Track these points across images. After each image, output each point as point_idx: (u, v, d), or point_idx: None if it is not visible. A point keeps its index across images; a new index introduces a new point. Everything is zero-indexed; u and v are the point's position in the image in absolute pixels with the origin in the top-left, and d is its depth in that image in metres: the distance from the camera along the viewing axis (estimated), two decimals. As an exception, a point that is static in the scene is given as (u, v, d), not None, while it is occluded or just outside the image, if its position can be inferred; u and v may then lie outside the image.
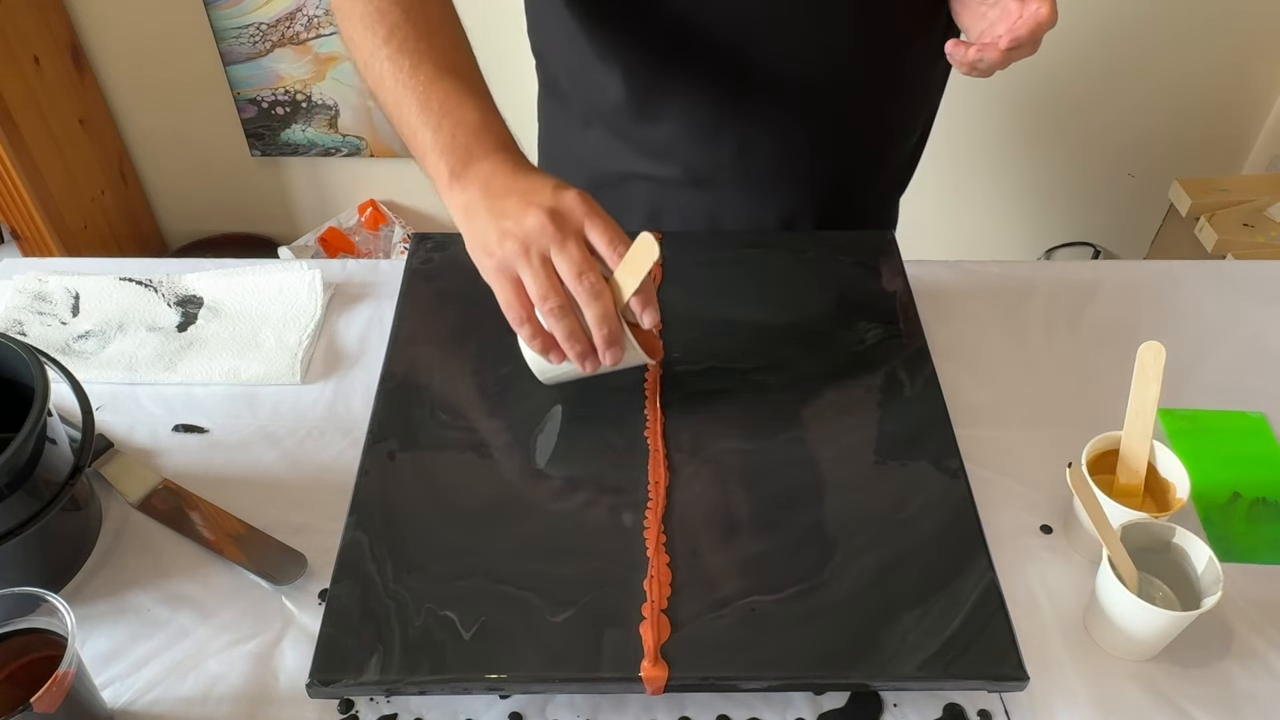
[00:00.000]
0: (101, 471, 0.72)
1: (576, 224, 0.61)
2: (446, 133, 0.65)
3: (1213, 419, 0.78)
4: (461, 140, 0.65)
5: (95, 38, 1.80)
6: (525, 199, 0.61)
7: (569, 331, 0.62)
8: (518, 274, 0.61)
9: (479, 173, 0.64)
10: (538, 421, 0.70)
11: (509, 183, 0.63)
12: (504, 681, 0.56)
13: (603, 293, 0.61)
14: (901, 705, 0.60)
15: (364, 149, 1.90)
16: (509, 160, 0.65)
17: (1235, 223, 1.60)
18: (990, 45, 0.67)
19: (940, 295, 0.88)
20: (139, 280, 0.88)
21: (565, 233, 0.60)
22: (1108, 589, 0.61)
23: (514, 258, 0.61)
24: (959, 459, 0.68)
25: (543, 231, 0.60)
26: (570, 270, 0.60)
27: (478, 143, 0.65)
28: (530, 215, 0.60)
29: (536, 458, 0.68)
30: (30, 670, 0.55)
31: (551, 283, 0.60)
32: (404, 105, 0.66)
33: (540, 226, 0.60)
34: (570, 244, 0.60)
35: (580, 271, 0.60)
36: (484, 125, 0.66)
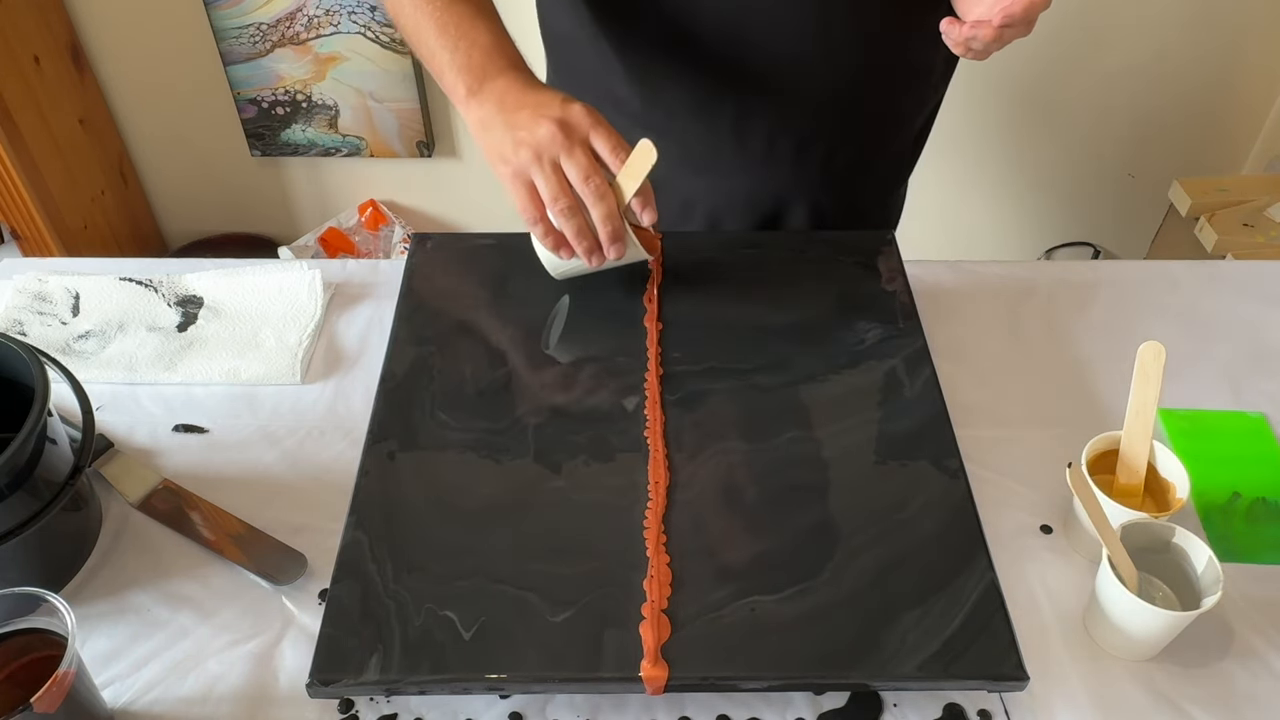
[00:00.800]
0: (101, 471, 0.72)
1: (583, 133, 0.68)
2: (463, 53, 0.72)
3: (1213, 419, 0.78)
4: (477, 59, 0.72)
5: (95, 38, 1.80)
6: (537, 111, 0.68)
7: (577, 229, 0.69)
8: (531, 178, 0.68)
9: (494, 89, 0.71)
10: (538, 421, 0.70)
11: (521, 97, 0.70)
12: (504, 681, 0.56)
13: (606, 194, 0.68)
14: (901, 705, 0.60)
15: (364, 149, 1.90)
16: (520, 77, 0.72)
17: (1235, 223, 1.60)
18: (983, 23, 0.68)
19: (940, 295, 0.88)
20: (139, 280, 0.88)
21: (573, 141, 0.67)
22: (1108, 589, 0.61)
23: (528, 164, 0.68)
24: (959, 459, 0.68)
25: (553, 140, 0.67)
26: (578, 174, 0.67)
27: (491, 61, 0.72)
28: (541, 126, 0.67)
29: (536, 457, 0.67)
30: (30, 670, 0.55)
31: (561, 185, 0.68)
32: (423, 29, 0.74)
33: (550, 135, 0.67)
34: (577, 151, 0.67)
35: (586, 175, 0.67)
36: (496, 46, 0.73)
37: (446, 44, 0.73)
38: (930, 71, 0.92)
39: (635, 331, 0.76)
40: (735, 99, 0.86)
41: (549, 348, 0.76)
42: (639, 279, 0.81)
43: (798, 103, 0.86)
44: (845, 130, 0.90)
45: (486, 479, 0.66)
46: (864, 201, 0.98)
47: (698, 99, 0.86)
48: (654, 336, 0.76)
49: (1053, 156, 1.90)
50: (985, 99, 1.79)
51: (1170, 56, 1.74)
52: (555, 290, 0.80)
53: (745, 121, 0.87)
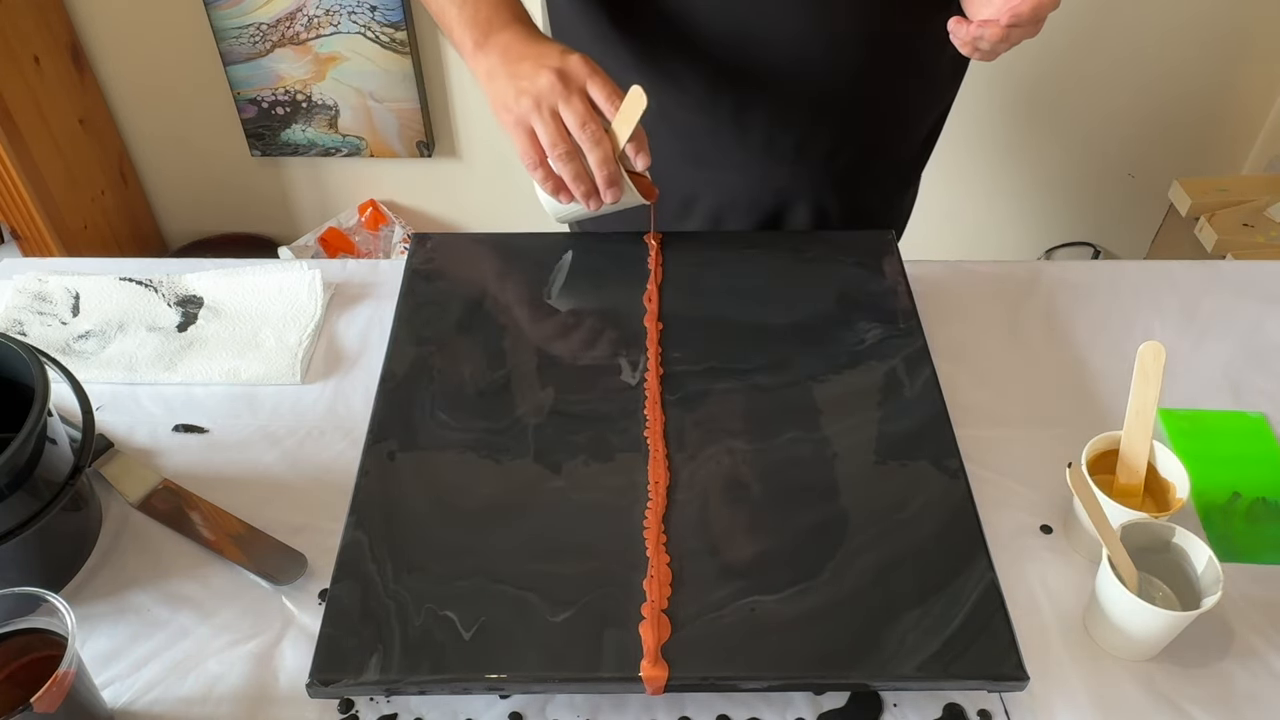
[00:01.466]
0: (101, 471, 0.72)
1: (580, 82, 0.71)
2: (470, 7, 0.76)
3: (1213, 419, 0.78)
4: (484, 14, 0.76)
5: (95, 38, 1.80)
6: (537, 62, 0.71)
7: (575, 173, 0.72)
8: (532, 126, 0.71)
9: (498, 41, 0.74)
10: (538, 421, 0.70)
11: (523, 49, 0.73)
12: (504, 681, 0.56)
13: (602, 140, 0.71)
14: (901, 705, 0.60)
15: (364, 149, 1.90)
16: (524, 30, 0.75)
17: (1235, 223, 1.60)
18: (990, 22, 0.68)
19: (940, 295, 0.88)
20: (139, 280, 0.88)
21: (570, 89, 0.70)
22: (1108, 589, 0.61)
23: (528, 111, 0.71)
24: (959, 459, 0.68)
25: (552, 89, 0.70)
26: (575, 121, 0.70)
27: (497, 15, 0.76)
28: (542, 75, 0.70)
29: (536, 457, 0.67)
30: (30, 670, 0.55)
31: (560, 132, 0.71)
32: None
33: (550, 85, 0.70)
34: (575, 99, 0.70)
35: (583, 122, 0.70)
36: (502, 1, 0.76)
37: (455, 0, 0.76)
38: (937, 74, 0.92)
39: (635, 331, 0.76)
40: (735, 94, 0.86)
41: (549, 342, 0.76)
42: (639, 279, 0.81)
43: (798, 100, 0.86)
44: (847, 130, 0.90)
45: (486, 479, 0.66)
46: (869, 203, 0.98)
47: (699, 92, 0.86)
48: (654, 336, 0.76)
49: (1053, 156, 1.90)
50: (986, 99, 1.80)
51: (1170, 57, 1.74)
52: (555, 290, 0.80)
53: (745, 116, 0.87)
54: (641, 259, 0.83)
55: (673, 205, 0.94)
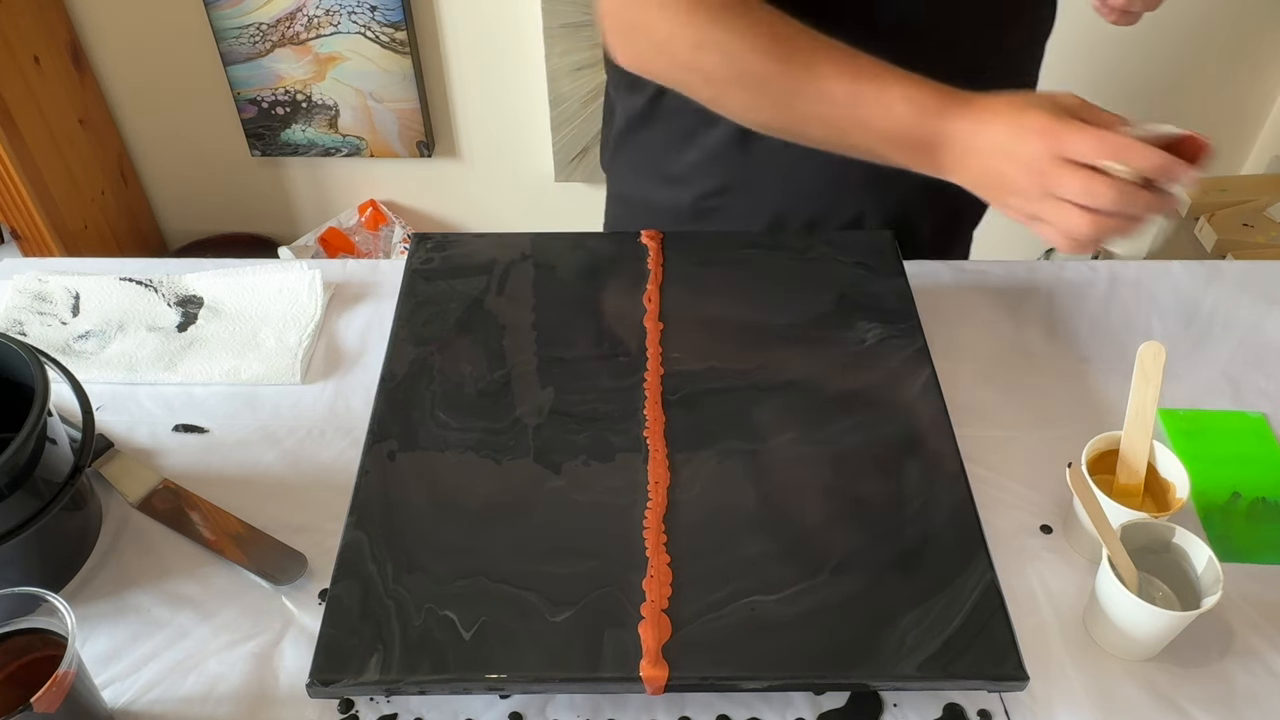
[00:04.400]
0: (101, 471, 0.72)
1: (1074, 149, 0.61)
2: (905, 138, 0.66)
3: (1213, 419, 0.78)
4: (914, 111, 0.65)
5: (95, 38, 1.80)
6: (1014, 153, 0.63)
7: (1140, 206, 0.61)
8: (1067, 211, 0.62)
9: (954, 133, 0.65)
10: (537, 421, 0.70)
11: (982, 153, 0.64)
12: (504, 681, 0.56)
13: (1125, 190, 0.60)
14: (901, 705, 0.60)
15: (364, 149, 1.90)
16: (971, 110, 0.65)
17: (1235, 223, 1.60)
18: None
19: (940, 295, 0.88)
20: (139, 280, 0.88)
21: (1069, 168, 0.61)
22: (1108, 589, 0.61)
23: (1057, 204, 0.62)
24: (959, 459, 0.68)
25: (1050, 176, 0.61)
26: (1112, 198, 0.60)
27: (932, 104, 0.65)
28: (1029, 171, 0.62)
29: (536, 457, 0.67)
30: (30, 670, 0.55)
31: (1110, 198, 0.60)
32: (852, 139, 0.68)
33: (1045, 173, 0.61)
34: (1078, 174, 0.61)
35: (1120, 194, 0.60)
36: (912, 90, 0.66)
37: (867, 111, 0.66)
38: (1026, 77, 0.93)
39: (635, 331, 0.76)
40: None
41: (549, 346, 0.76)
42: (639, 279, 0.81)
43: None
44: None
45: (486, 479, 0.66)
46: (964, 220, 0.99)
47: None
48: (654, 336, 0.76)
49: (1053, 156, 1.90)
50: (985, 99, 1.79)
51: (1170, 57, 1.74)
52: (555, 290, 0.80)
53: None
54: (641, 259, 0.83)
55: (840, 225, 0.92)
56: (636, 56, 0.73)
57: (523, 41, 1.75)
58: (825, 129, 0.69)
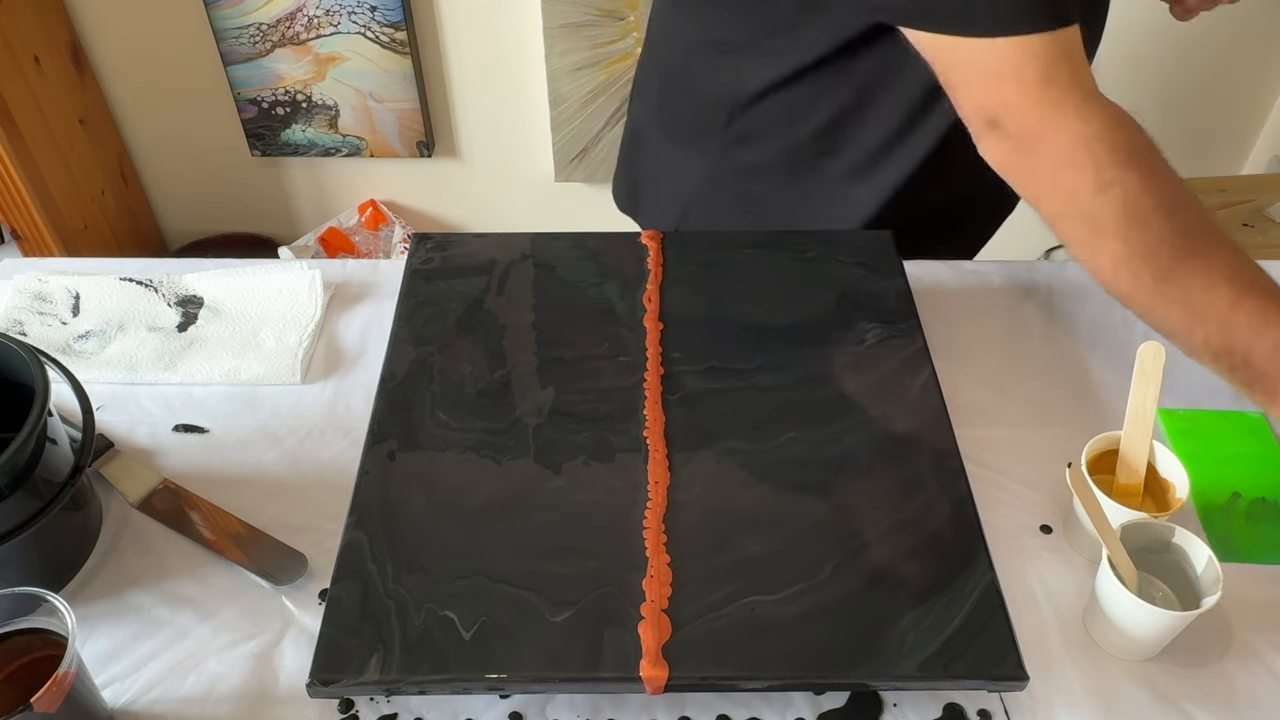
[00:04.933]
0: (101, 471, 0.72)
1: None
2: (1258, 362, 0.63)
3: (1213, 419, 0.78)
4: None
5: (95, 38, 1.80)
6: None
7: None
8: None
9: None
10: (538, 421, 0.70)
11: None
12: (504, 681, 0.56)
13: None
14: (901, 705, 0.60)
15: (364, 149, 1.90)
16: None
17: (1235, 223, 1.60)
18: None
19: (940, 295, 0.88)
20: (139, 280, 0.88)
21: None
22: (1108, 589, 0.61)
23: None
24: (959, 459, 0.68)
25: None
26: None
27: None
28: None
29: (536, 457, 0.67)
30: (30, 670, 0.55)
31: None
32: (1201, 334, 0.65)
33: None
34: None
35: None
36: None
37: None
38: None
39: (635, 331, 0.76)
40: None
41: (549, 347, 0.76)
42: (639, 279, 0.81)
43: None
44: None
45: (486, 479, 0.66)
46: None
47: None
48: (654, 336, 0.76)
49: (1053, 156, 1.90)
50: (985, 99, 1.79)
51: (1170, 56, 1.74)
52: (555, 290, 0.80)
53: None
54: (641, 259, 0.83)
55: None
56: (1015, 164, 0.66)
57: (523, 41, 1.75)
58: (1186, 317, 0.65)
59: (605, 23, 1.69)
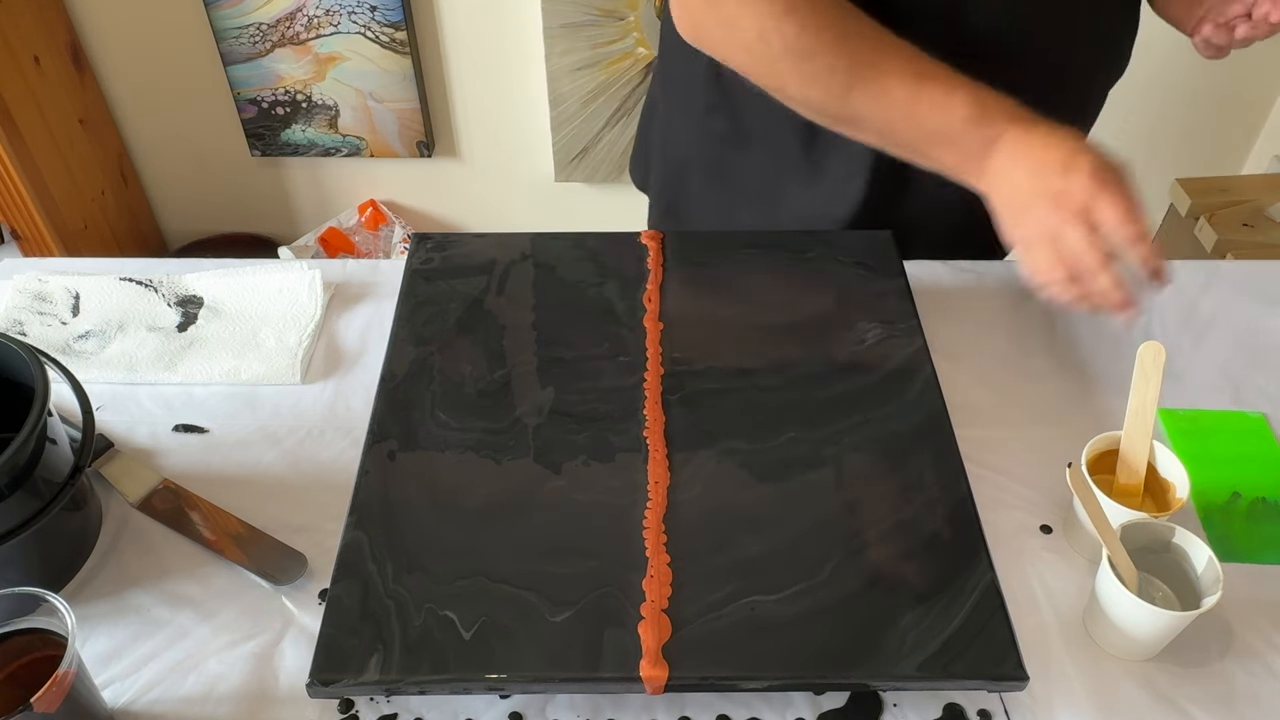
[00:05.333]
0: (101, 471, 0.72)
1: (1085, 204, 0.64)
2: (954, 140, 0.68)
3: (1213, 419, 0.78)
4: (977, 113, 0.67)
5: (95, 38, 1.80)
6: (1053, 184, 0.65)
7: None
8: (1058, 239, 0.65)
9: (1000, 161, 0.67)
10: (538, 421, 0.70)
11: (1020, 174, 0.67)
12: (504, 681, 0.56)
13: (1103, 269, 0.64)
14: (901, 705, 0.60)
15: (364, 149, 1.90)
16: (1034, 128, 0.67)
17: (1235, 223, 1.60)
18: (1260, 21, 0.68)
19: (940, 295, 0.88)
20: (139, 280, 0.88)
21: (1083, 222, 0.64)
22: (1108, 589, 0.61)
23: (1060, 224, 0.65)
24: (959, 459, 0.68)
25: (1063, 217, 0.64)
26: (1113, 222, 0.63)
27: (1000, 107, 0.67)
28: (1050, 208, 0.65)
29: (536, 457, 0.68)
30: (30, 670, 0.55)
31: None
32: (901, 138, 0.71)
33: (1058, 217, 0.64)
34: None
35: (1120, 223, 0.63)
36: (979, 94, 0.67)
37: (932, 126, 0.68)
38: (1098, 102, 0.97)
39: (635, 331, 0.76)
40: None
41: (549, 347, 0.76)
42: (639, 279, 0.81)
43: None
44: None
45: (486, 479, 0.66)
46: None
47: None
48: (654, 336, 0.76)
49: (1053, 156, 1.90)
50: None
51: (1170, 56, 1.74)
52: (555, 290, 0.80)
53: None
54: (641, 259, 0.83)
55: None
56: (697, 28, 0.73)
57: (523, 41, 1.75)
58: (879, 122, 0.70)
59: (605, 23, 1.69)
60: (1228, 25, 0.78)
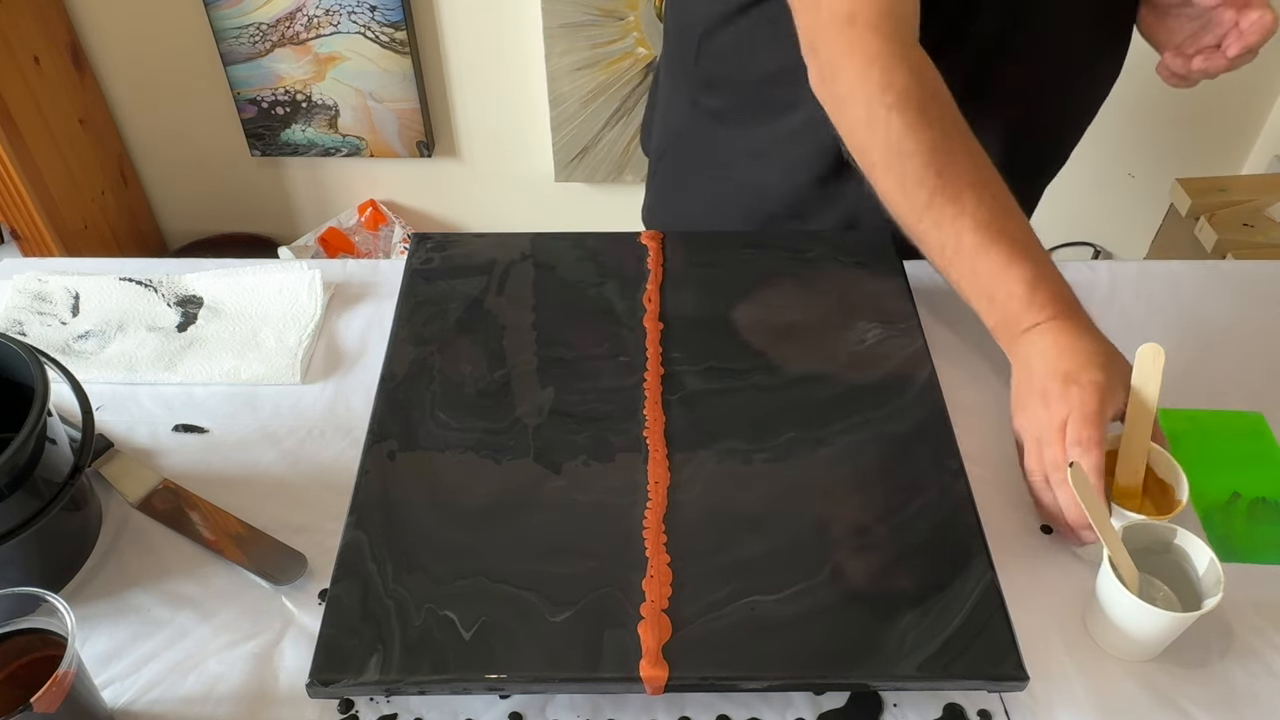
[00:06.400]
0: (101, 471, 0.72)
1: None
2: (999, 306, 0.69)
3: (1212, 419, 0.78)
4: (1023, 304, 0.68)
5: (95, 38, 1.80)
6: (1054, 389, 0.66)
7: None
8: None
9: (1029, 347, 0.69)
10: (538, 421, 0.70)
11: (1034, 370, 0.68)
12: (504, 681, 0.56)
13: (1065, 506, 0.65)
14: (901, 705, 0.60)
15: (364, 149, 1.90)
16: (1066, 326, 0.68)
17: (1235, 223, 1.60)
18: (1216, 54, 0.68)
19: (940, 295, 0.88)
20: (139, 280, 0.88)
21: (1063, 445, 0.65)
22: (1108, 590, 0.61)
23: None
24: (959, 459, 0.68)
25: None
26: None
27: (1026, 312, 0.68)
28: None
29: (536, 457, 0.68)
30: (30, 670, 0.55)
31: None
32: (955, 274, 0.71)
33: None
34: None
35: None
36: (1034, 280, 0.68)
37: (981, 293, 0.70)
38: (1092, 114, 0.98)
39: (635, 331, 0.76)
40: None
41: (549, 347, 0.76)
42: (639, 279, 0.81)
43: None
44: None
45: (486, 479, 0.66)
46: None
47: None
48: (654, 336, 0.76)
49: (1053, 156, 1.90)
50: (985, 99, 1.79)
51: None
52: (555, 290, 0.80)
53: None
54: (641, 259, 0.83)
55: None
56: (821, 93, 0.73)
57: (523, 41, 1.75)
58: (940, 255, 0.70)
59: (605, 23, 1.69)
60: (1186, 54, 0.77)
